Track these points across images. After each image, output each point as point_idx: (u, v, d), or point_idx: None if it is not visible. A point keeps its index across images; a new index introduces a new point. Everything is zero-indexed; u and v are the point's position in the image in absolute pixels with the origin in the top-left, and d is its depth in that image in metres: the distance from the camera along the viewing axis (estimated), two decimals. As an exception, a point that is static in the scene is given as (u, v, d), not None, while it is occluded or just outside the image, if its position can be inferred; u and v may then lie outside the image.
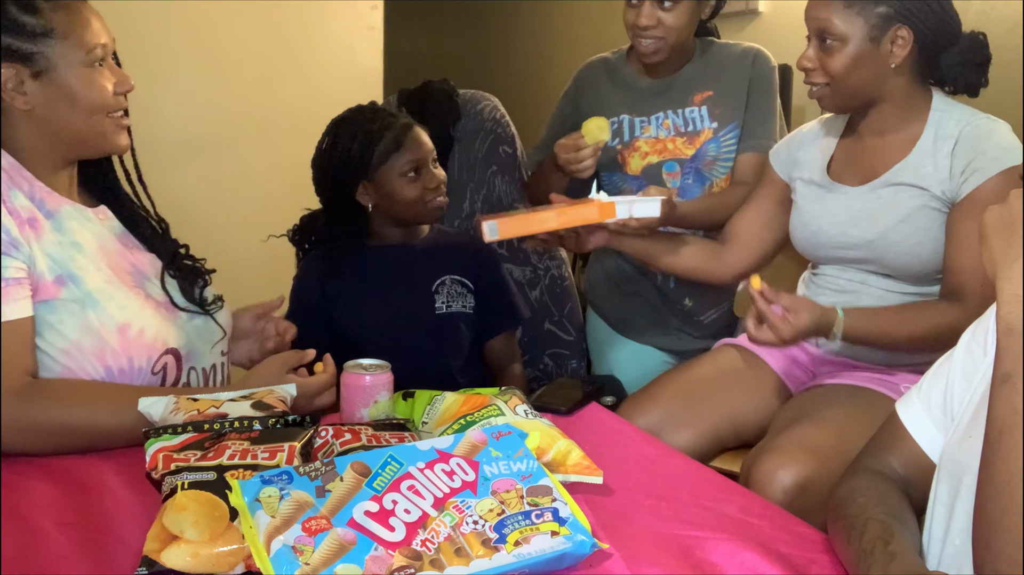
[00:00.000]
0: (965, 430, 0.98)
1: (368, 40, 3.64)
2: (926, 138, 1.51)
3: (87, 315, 1.24)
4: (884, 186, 1.53)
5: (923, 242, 1.50)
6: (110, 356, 1.25)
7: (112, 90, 1.29)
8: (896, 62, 1.47)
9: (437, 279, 1.75)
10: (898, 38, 1.46)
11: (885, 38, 1.46)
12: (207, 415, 1.13)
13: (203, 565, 0.87)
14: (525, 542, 0.90)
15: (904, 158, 1.52)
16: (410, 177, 1.67)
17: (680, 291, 2.00)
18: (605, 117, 1.80)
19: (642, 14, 1.80)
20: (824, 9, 1.48)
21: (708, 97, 1.92)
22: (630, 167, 1.95)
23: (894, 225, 1.51)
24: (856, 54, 1.47)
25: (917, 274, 1.53)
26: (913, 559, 0.89)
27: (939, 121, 1.51)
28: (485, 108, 2.18)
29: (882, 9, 1.45)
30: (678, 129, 1.93)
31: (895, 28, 1.45)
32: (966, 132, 1.47)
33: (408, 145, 1.67)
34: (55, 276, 1.23)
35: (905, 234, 1.50)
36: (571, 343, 2.18)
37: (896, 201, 1.51)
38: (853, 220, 1.55)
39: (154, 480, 1.00)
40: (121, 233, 1.37)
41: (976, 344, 1.03)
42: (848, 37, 1.46)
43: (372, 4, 3.64)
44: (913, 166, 1.50)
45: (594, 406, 1.51)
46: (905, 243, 1.51)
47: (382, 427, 1.18)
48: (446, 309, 1.74)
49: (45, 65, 1.23)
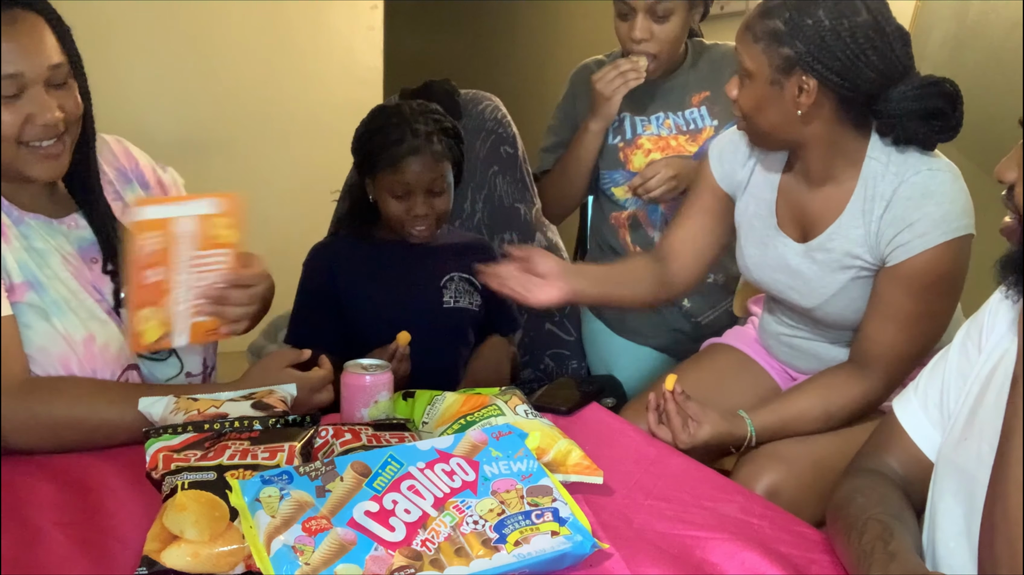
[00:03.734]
0: (961, 432, 0.98)
1: (368, 40, 3.65)
2: (857, 195, 1.38)
3: (53, 322, 1.23)
4: (819, 250, 1.42)
5: (859, 310, 1.43)
6: (75, 365, 1.24)
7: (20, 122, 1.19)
8: (803, 109, 1.32)
9: (445, 275, 1.75)
10: (803, 84, 1.31)
11: (789, 83, 1.32)
12: (207, 415, 1.13)
13: (203, 565, 0.87)
14: (525, 542, 0.90)
15: (837, 219, 1.40)
16: (397, 197, 1.65)
17: (680, 291, 2.00)
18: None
19: (635, 28, 1.80)
20: (740, 39, 1.37)
21: (706, 97, 1.94)
22: (633, 164, 1.96)
23: (828, 298, 1.44)
24: (761, 94, 1.35)
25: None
26: (913, 559, 0.89)
27: (872, 175, 1.36)
28: (486, 108, 2.18)
29: (785, 51, 1.30)
30: (680, 128, 1.94)
31: (798, 74, 1.30)
32: (900, 194, 1.32)
33: (403, 168, 1.62)
34: (22, 280, 1.23)
35: (841, 306, 1.44)
36: (571, 343, 2.17)
37: (829, 271, 1.42)
38: (790, 282, 1.48)
39: (154, 480, 1.00)
40: (87, 246, 1.33)
41: (971, 342, 1.03)
42: (754, 74, 1.34)
43: (372, 4, 3.64)
44: (845, 229, 1.39)
45: (594, 406, 1.51)
46: (843, 312, 1.45)
47: (382, 427, 1.18)
48: (454, 304, 1.74)
49: None
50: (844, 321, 1.46)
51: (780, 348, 1.63)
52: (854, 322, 1.44)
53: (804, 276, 1.45)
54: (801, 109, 1.33)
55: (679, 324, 2.03)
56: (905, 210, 1.32)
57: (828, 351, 1.54)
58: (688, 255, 1.60)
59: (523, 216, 2.16)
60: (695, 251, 1.61)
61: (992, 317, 1.01)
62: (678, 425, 1.36)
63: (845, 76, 1.29)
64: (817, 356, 1.56)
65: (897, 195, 1.33)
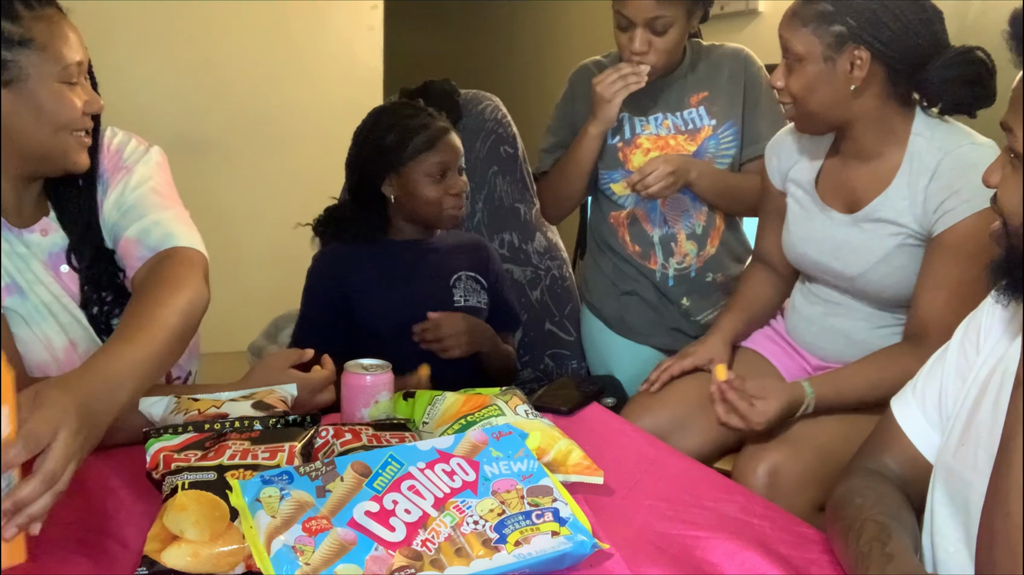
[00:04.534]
0: (959, 437, 0.98)
1: (368, 40, 3.65)
2: (904, 168, 1.46)
3: (33, 328, 1.23)
4: (866, 220, 1.50)
5: (901, 280, 1.49)
6: (55, 373, 1.23)
7: (81, 108, 1.26)
8: (856, 84, 1.41)
9: (454, 274, 1.77)
10: (856, 59, 1.40)
11: (841, 59, 1.40)
12: (208, 415, 1.13)
13: (203, 565, 0.88)
14: (526, 542, 0.90)
15: (884, 190, 1.48)
16: (435, 178, 1.69)
17: (678, 291, 2.00)
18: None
19: (635, 40, 1.80)
20: (785, 27, 1.45)
21: (704, 98, 1.94)
22: (632, 164, 1.96)
23: (873, 264, 1.50)
24: (813, 75, 1.43)
25: (902, 301, 1.53)
26: (911, 560, 0.89)
27: (918, 149, 1.45)
28: (487, 108, 2.18)
29: (836, 28, 1.39)
30: (678, 128, 1.95)
31: (851, 49, 1.40)
32: (944, 165, 1.41)
33: (441, 147, 1.70)
34: (5, 284, 1.23)
35: (884, 273, 1.49)
36: (571, 343, 2.18)
37: (876, 238, 1.49)
38: (835, 252, 1.54)
39: (154, 480, 1.00)
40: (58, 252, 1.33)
41: (969, 342, 1.03)
42: (804, 57, 1.42)
43: (372, 4, 3.64)
44: (892, 200, 1.47)
45: (595, 406, 1.51)
46: (885, 282, 1.50)
47: (383, 427, 1.18)
48: (464, 302, 1.76)
49: (17, 74, 1.20)
50: (884, 291, 1.51)
51: (809, 329, 1.66)
52: (893, 294, 1.50)
53: (851, 244, 1.51)
54: (854, 84, 1.41)
55: (679, 324, 2.03)
56: (950, 179, 1.39)
57: (859, 332, 1.58)
58: (779, 256, 1.71)
59: (523, 216, 2.16)
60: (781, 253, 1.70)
61: (989, 318, 1.01)
62: (746, 408, 1.41)
63: (894, 47, 1.38)
64: (847, 336, 1.59)
65: (942, 166, 1.41)
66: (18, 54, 1.19)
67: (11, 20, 1.19)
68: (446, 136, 1.71)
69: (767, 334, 1.77)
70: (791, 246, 1.63)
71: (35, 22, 1.20)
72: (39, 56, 1.20)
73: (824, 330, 1.63)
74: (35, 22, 1.20)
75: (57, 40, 1.22)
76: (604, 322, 2.10)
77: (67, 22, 1.26)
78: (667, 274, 2.00)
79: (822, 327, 1.63)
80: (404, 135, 1.69)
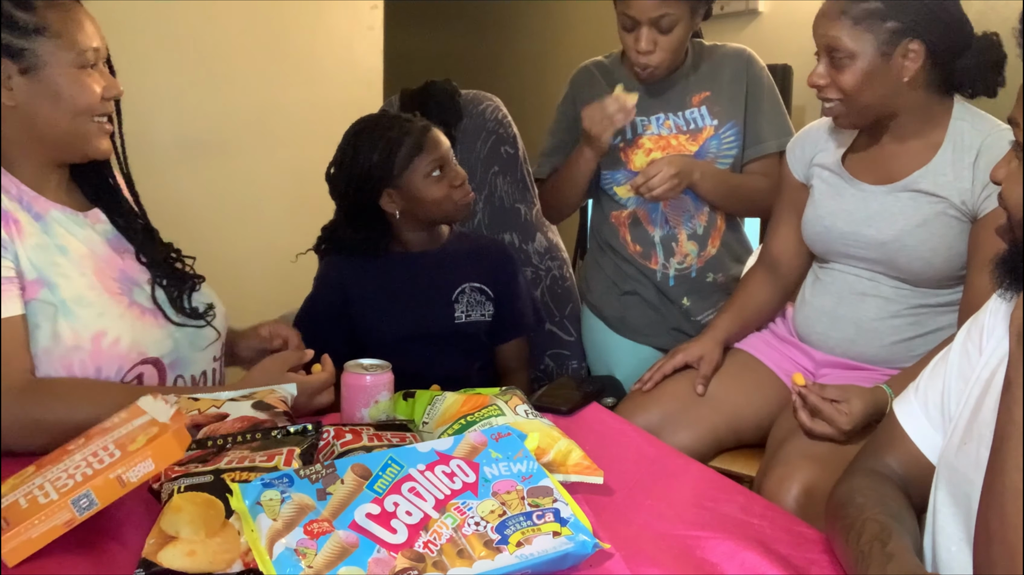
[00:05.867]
0: (961, 437, 0.98)
1: (368, 40, 3.64)
2: (946, 147, 1.49)
3: (59, 322, 1.23)
4: (904, 190, 1.52)
5: (937, 248, 1.49)
6: (77, 366, 1.24)
7: (100, 94, 1.28)
8: (909, 75, 1.46)
9: (457, 288, 1.75)
10: (909, 52, 1.44)
11: (896, 52, 1.44)
12: (208, 415, 1.13)
13: (200, 563, 0.87)
14: (527, 543, 0.90)
15: (924, 165, 1.50)
16: (435, 176, 1.68)
17: (679, 291, 2.01)
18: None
19: (641, 39, 1.80)
20: (832, 27, 1.46)
21: (706, 97, 1.94)
22: (634, 164, 1.96)
23: (910, 229, 1.50)
24: (867, 70, 1.46)
25: (927, 279, 1.53)
26: (911, 560, 0.89)
27: (960, 131, 1.50)
28: (487, 108, 2.18)
29: (891, 24, 1.43)
30: (680, 128, 1.94)
31: (906, 42, 1.44)
32: (988, 144, 1.46)
33: (428, 146, 1.68)
34: (33, 279, 1.23)
35: (920, 239, 1.50)
36: (572, 343, 2.17)
37: (914, 206, 1.50)
38: (868, 220, 1.55)
39: (154, 491, 1.00)
40: (113, 238, 1.36)
41: (971, 343, 1.03)
42: (858, 54, 1.45)
43: (372, 4, 3.64)
44: (933, 174, 1.49)
45: (594, 406, 1.51)
46: (919, 248, 1.50)
47: (384, 427, 1.18)
48: (465, 319, 1.75)
49: (34, 62, 1.23)
50: (915, 261, 1.51)
51: (820, 320, 1.65)
52: (922, 266, 1.51)
53: (888, 211, 1.53)
54: (907, 75, 1.46)
55: (679, 324, 2.03)
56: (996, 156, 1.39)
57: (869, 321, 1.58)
58: (792, 254, 1.73)
59: (523, 216, 2.16)
60: (798, 249, 1.72)
61: (992, 317, 1.00)
62: (832, 411, 1.40)
63: (945, 38, 1.44)
64: (857, 325, 1.59)
65: (985, 144, 1.46)
66: (33, 42, 1.22)
67: (25, 9, 1.22)
68: (430, 133, 1.70)
69: (762, 337, 1.76)
70: (816, 220, 1.63)
71: (49, 10, 1.24)
72: (54, 43, 1.23)
73: (835, 320, 1.62)
74: (49, 10, 1.24)
75: (72, 26, 1.25)
76: (604, 322, 2.10)
77: (82, 9, 1.28)
78: (668, 274, 2.00)
79: (833, 317, 1.62)
80: (390, 148, 1.67)
